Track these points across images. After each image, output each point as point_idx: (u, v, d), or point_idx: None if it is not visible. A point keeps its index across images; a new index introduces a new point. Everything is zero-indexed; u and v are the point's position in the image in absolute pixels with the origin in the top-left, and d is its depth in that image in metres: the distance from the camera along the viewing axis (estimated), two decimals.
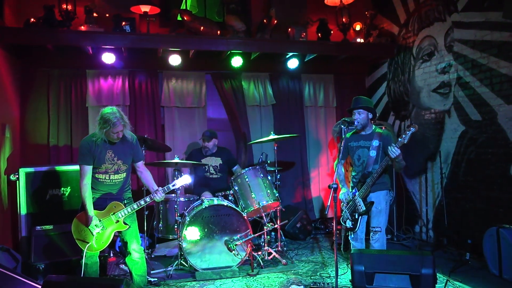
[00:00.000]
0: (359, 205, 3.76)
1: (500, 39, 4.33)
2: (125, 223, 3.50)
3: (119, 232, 3.55)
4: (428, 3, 5.34)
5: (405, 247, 5.23)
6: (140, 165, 3.73)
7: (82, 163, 3.45)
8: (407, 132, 3.56)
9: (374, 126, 3.95)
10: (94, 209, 3.44)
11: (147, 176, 3.73)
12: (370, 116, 3.89)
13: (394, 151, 3.54)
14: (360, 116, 3.84)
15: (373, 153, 3.80)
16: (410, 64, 5.73)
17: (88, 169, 3.45)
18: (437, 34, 5.21)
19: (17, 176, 4.48)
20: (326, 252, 5.09)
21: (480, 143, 4.64)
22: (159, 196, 3.55)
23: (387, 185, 3.92)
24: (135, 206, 3.53)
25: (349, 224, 3.85)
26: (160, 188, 3.59)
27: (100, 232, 3.42)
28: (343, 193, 3.93)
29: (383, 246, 3.87)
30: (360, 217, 3.81)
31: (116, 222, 3.48)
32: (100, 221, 3.43)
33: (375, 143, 3.81)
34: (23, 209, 4.46)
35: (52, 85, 5.40)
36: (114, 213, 3.47)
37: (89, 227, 3.38)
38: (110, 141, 3.50)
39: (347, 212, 3.87)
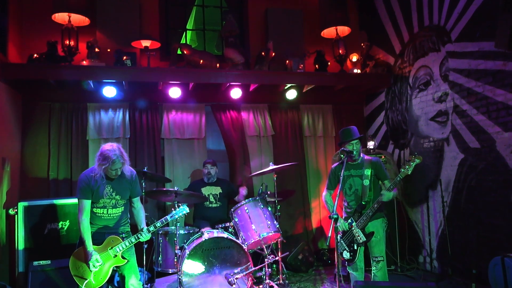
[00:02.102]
0: (358, 235, 3.72)
1: (494, 67, 4.41)
2: (123, 257, 3.45)
3: (117, 266, 3.49)
4: (422, 34, 5.47)
5: (410, 278, 5.13)
6: (136, 201, 3.71)
7: (81, 197, 3.43)
8: (411, 163, 3.58)
9: (362, 154, 3.99)
10: (92, 244, 3.39)
11: (139, 213, 3.71)
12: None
13: (387, 196, 3.61)
14: (357, 146, 3.89)
15: (366, 182, 3.81)
16: (407, 93, 5.80)
17: (87, 203, 3.43)
18: (432, 64, 5.30)
19: (16, 210, 4.46)
20: (329, 284, 4.99)
21: (480, 170, 4.63)
22: (144, 235, 3.51)
23: (382, 212, 3.94)
24: (133, 240, 3.49)
25: (346, 255, 3.80)
26: (145, 228, 3.54)
27: (98, 268, 3.36)
28: (340, 224, 3.90)
29: (385, 275, 3.83)
30: (359, 247, 3.77)
31: (114, 257, 3.43)
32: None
33: (367, 172, 3.82)
34: (20, 244, 4.41)
35: (53, 118, 5.45)
36: (112, 248, 3.42)
37: (89, 262, 3.32)
38: (108, 177, 3.50)
39: (343, 243, 3.83)
